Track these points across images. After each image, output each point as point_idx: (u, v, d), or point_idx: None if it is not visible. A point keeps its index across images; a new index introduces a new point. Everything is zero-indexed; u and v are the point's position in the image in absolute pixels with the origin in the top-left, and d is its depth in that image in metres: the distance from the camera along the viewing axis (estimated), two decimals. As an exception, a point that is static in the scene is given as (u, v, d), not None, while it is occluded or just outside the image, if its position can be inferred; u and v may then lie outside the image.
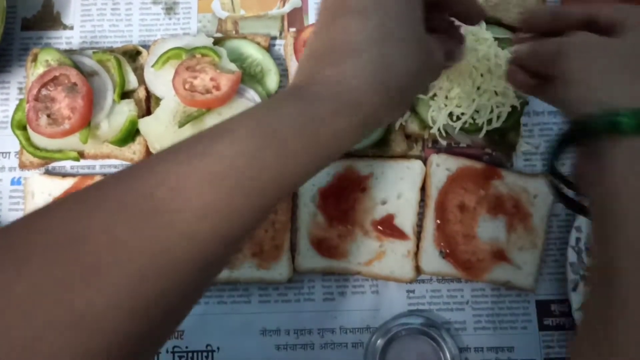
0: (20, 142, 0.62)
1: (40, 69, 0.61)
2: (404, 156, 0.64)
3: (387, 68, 0.39)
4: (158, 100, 0.63)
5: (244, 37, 0.66)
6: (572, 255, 0.60)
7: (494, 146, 0.64)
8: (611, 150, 0.36)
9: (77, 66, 0.61)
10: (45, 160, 0.63)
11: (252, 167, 0.34)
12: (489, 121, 0.59)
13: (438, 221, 0.61)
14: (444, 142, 0.63)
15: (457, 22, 0.49)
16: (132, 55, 0.66)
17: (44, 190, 0.62)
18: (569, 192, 0.42)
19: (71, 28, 0.69)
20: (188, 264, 0.33)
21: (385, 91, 0.39)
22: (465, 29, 0.58)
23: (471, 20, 0.48)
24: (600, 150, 0.36)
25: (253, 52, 0.65)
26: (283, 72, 0.66)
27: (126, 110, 0.62)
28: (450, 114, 0.60)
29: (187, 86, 0.59)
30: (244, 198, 0.34)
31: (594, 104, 0.36)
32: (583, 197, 0.41)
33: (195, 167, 0.33)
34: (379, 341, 0.58)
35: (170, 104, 0.61)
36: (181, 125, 0.60)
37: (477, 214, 0.61)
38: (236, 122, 0.36)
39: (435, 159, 0.63)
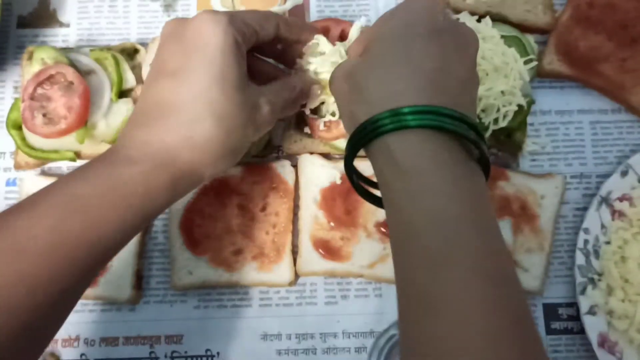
0: (16, 142, 0.61)
1: (36, 68, 0.60)
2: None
3: (194, 126, 0.41)
4: (156, 99, 0.61)
5: (245, 35, 0.65)
6: (580, 258, 0.58)
7: (499, 146, 0.62)
8: (374, 149, 0.39)
9: (73, 64, 0.60)
10: (41, 161, 0.62)
11: (54, 237, 0.37)
12: (495, 120, 0.58)
13: (443, 223, 0.60)
14: (448, 142, 0.62)
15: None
16: (130, 53, 0.64)
17: (39, 191, 0.61)
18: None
19: (68, 25, 0.68)
20: (4, 334, 0.35)
21: (193, 147, 0.42)
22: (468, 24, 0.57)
23: (304, 42, 0.53)
24: (370, 150, 0.40)
25: (254, 50, 0.64)
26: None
27: (124, 109, 0.60)
28: (456, 113, 0.58)
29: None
30: (50, 267, 0.37)
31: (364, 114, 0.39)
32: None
33: (0, 240, 0.37)
34: (382, 346, 0.56)
35: (168, 103, 0.59)
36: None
37: (483, 216, 0.60)
38: (42, 193, 0.39)
39: (440, 159, 0.61)
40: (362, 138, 0.39)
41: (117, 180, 0.39)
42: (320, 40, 0.54)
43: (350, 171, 0.43)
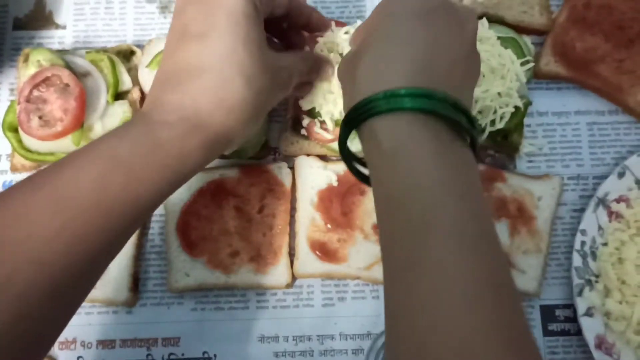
0: (12, 145, 0.60)
1: (32, 70, 0.60)
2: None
3: (226, 87, 0.42)
4: (153, 101, 0.61)
5: (241, 37, 0.65)
6: (577, 259, 0.58)
7: (496, 148, 0.62)
8: (363, 130, 0.39)
9: (69, 67, 0.59)
10: (37, 163, 0.62)
11: (97, 192, 0.37)
12: (492, 122, 0.58)
13: (440, 224, 0.60)
14: (445, 144, 0.62)
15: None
16: (126, 55, 0.64)
17: (36, 193, 0.61)
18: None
19: (64, 27, 0.68)
20: (36, 290, 0.35)
21: (226, 109, 0.42)
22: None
23: (319, 30, 0.54)
24: (360, 132, 0.40)
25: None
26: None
27: (120, 111, 0.60)
28: (453, 115, 0.58)
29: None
30: (90, 222, 0.37)
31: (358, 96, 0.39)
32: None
33: (41, 194, 0.36)
34: (380, 348, 0.56)
35: (165, 105, 0.59)
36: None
37: (480, 217, 0.60)
38: (83, 151, 0.40)
39: (436, 160, 0.61)
40: (355, 119, 0.39)
41: (154, 142, 0.40)
42: (337, 31, 0.56)
43: (345, 153, 0.43)
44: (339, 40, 0.56)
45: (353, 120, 0.39)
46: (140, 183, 0.39)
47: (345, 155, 0.43)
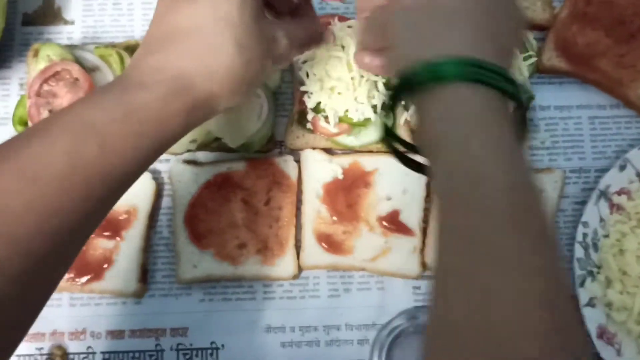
0: (22, 139, 0.61)
1: (42, 65, 0.61)
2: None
3: (213, 52, 0.39)
4: (161, 95, 0.62)
5: (247, 32, 0.65)
6: (579, 251, 0.59)
7: (499, 141, 0.63)
8: (426, 101, 0.36)
9: (78, 61, 0.60)
10: (47, 157, 0.62)
11: (69, 163, 0.35)
12: (495, 116, 0.59)
13: (444, 217, 0.60)
14: (449, 137, 0.63)
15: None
16: (134, 50, 0.65)
17: (46, 186, 0.62)
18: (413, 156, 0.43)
19: (72, 23, 0.68)
20: (10, 266, 0.33)
21: (211, 74, 0.39)
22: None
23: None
24: (420, 104, 0.37)
25: (256, 47, 0.64)
26: (287, 67, 0.65)
27: (129, 105, 0.61)
28: (456, 109, 0.59)
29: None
30: (64, 194, 0.35)
31: (413, 59, 0.36)
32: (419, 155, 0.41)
33: (9, 168, 0.34)
34: (385, 338, 0.57)
35: (173, 99, 0.60)
36: (185, 120, 0.59)
37: (483, 210, 0.60)
38: (53, 119, 0.37)
39: (440, 154, 0.62)
40: (419, 82, 0.36)
41: (130, 107, 0.37)
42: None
43: (390, 131, 0.40)
44: (342, 34, 0.57)
45: (417, 83, 0.36)
46: (115, 151, 0.36)
47: (392, 137, 0.40)
